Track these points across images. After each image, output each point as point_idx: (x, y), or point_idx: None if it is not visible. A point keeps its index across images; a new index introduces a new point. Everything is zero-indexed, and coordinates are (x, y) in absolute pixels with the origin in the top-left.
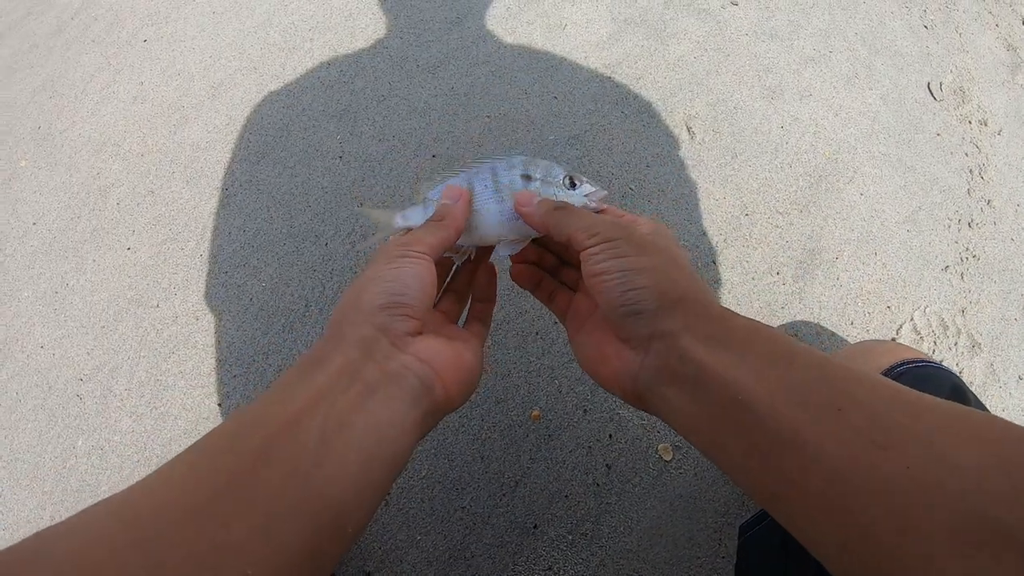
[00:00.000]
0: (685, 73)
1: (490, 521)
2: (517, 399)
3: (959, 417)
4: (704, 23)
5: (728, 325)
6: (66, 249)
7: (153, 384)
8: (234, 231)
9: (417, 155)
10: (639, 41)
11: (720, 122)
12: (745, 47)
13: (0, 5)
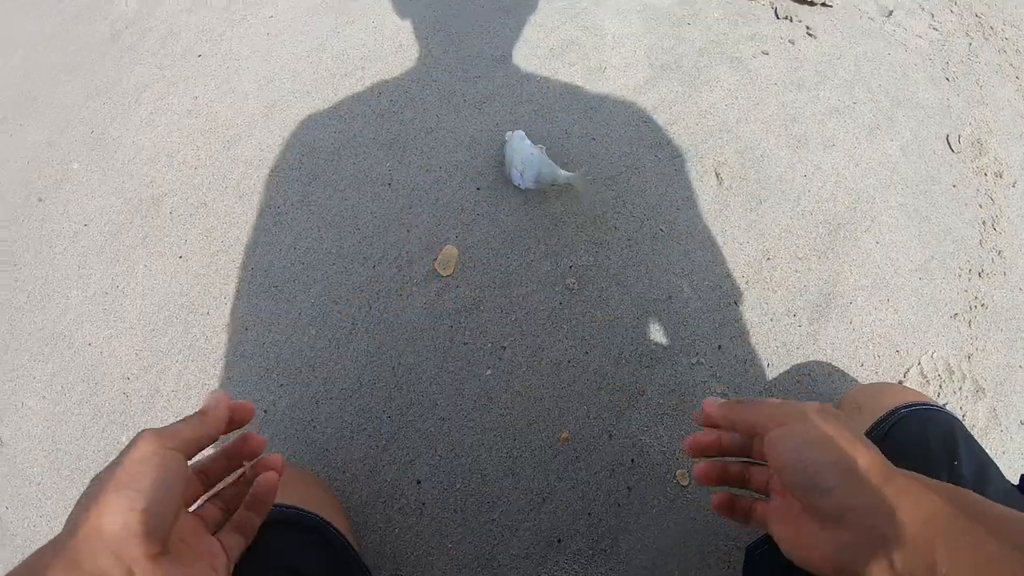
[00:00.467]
0: (716, 120)
1: (517, 533)
2: (548, 421)
3: None
4: (736, 72)
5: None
6: (117, 253)
7: (200, 388)
8: (284, 247)
9: (462, 187)
10: (674, 87)
11: (747, 169)
12: (774, 96)
13: (49, 5)
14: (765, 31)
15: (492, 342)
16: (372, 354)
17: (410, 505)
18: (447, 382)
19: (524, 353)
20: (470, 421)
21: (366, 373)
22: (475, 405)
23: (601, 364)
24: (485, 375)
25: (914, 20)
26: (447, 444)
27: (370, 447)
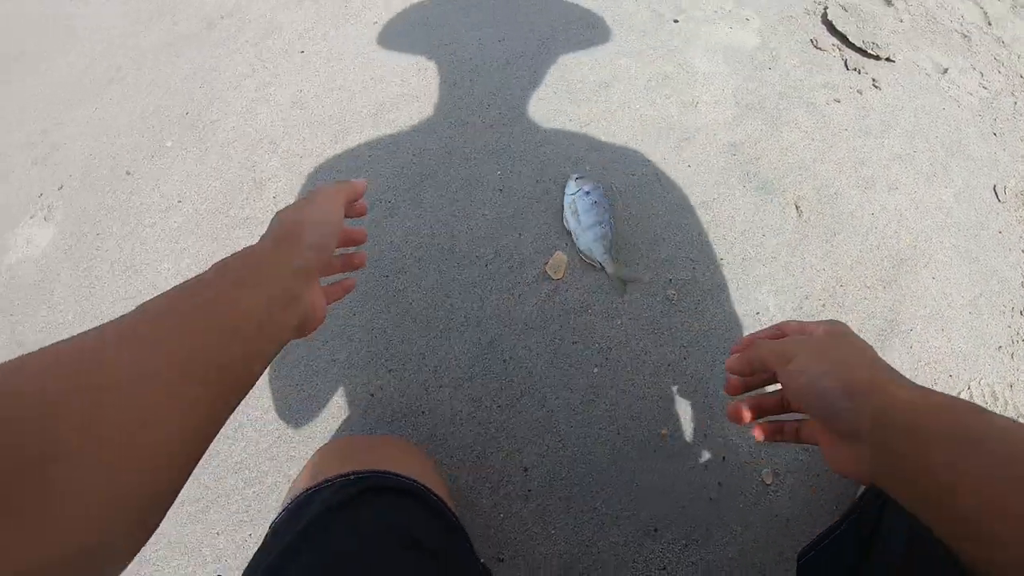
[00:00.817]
0: (795, 158)
1: (617, 522)
2: (649, 418)
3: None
4: (811, 116)
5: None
6: (216, 231)
7: (303, 368)
8: (396, 241)
9: None
10: (758, 125)
11: (823, 204)
12: (845, 140)
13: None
14: (836, 80)
15: (599, 342)
16: (484, 347)
17: (516, 491)
18: (556, 377)
19: (628, 355)
20: (577, 414)
21: (477, 364)
22: (582, 399)
23: (697, 369)
24: (593, 372)
25: (966, 78)
26: (555, 435)
27: (479, 434)
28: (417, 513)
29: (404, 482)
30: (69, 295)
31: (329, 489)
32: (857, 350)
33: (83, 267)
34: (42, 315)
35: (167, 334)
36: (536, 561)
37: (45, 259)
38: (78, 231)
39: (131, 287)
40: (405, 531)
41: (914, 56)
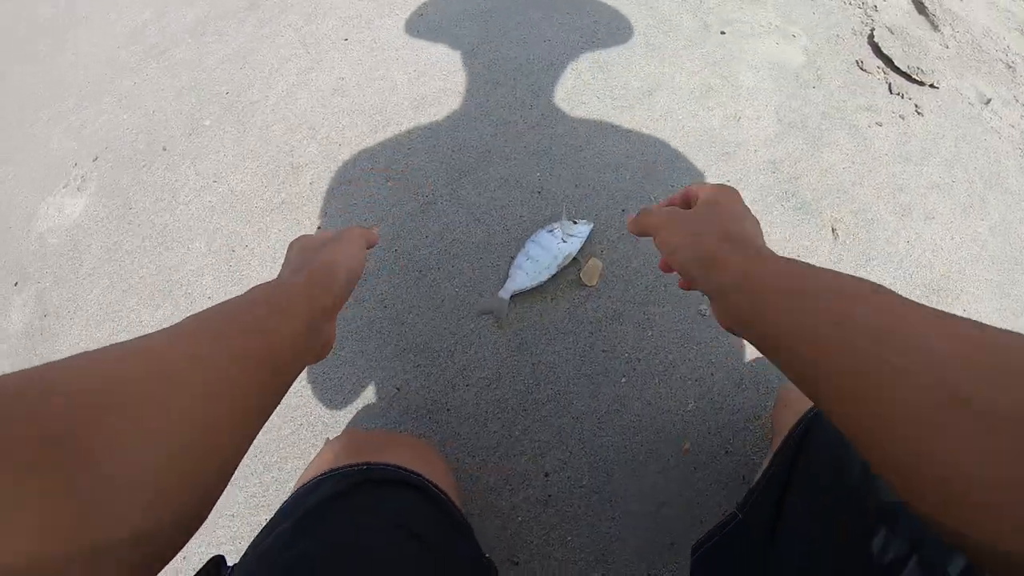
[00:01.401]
0: (835, 180)
1: (635, 533)
2: (672, 433)
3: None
4: (852, 138)
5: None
6: (250, 212)
7: (331, 357)
8: (432, 235)
9: (608, 207)
10: (799, 144)
11: (859, 229)
12: (884, 165)
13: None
14: (879, 104)
15: (629, 353)
16: (513, 349)
17: (536, 495)
18: (584, 384)
19: (657, 368)
20: (602, 423)
21: (506, 366)
22: (608, 409)
23: (724, 386)
24: (620, 382)
25: (1008, 110)
26: (578, 441)
27: (503, 436)
28: (420, 507)
29: (409, 476)
30: (98, 266)
31: (332, 479)
32: (716, 221)
33: (114, 239)
34: (70, 284)
35: (209, 343)
36: (551, 567)
37: (76, 229)
38: (110, 203)
39: (161, 262)
40: (405, 524)
41: (958, 84)
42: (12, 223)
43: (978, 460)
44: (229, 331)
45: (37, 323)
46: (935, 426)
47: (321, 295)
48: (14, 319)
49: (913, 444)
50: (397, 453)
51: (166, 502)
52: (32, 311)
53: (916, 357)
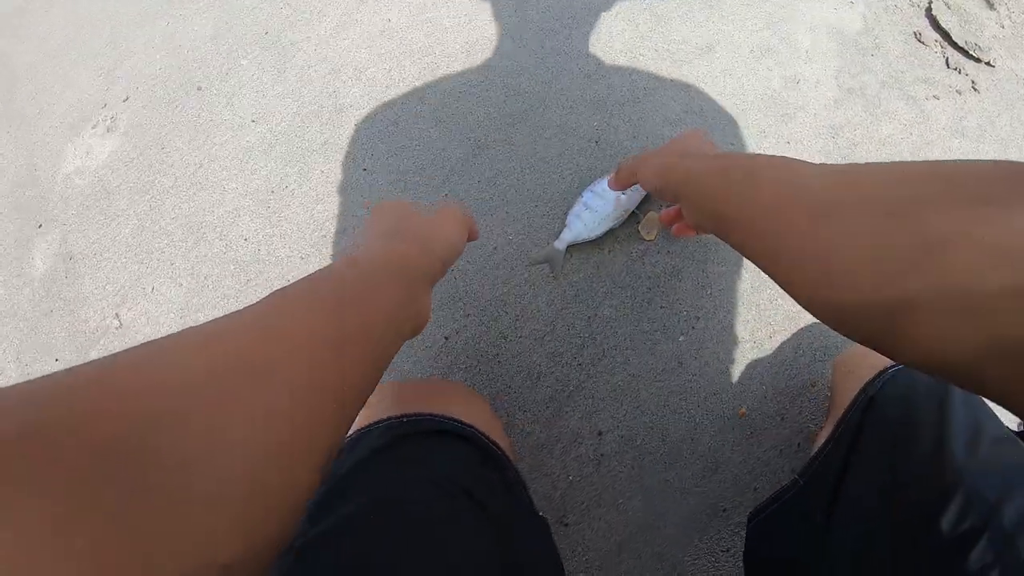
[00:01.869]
0: (893, 150)
1: (687, 497)
2: (729, 395)
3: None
4: (910, 109)
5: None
6: (290, 154)
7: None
8: (484, 181)
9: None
10: (857, 111)
11: None
12: (941, 140)
13: None
14: (937, 77)
15: (688, 311)
16: (569, 301)
17: (588, 455)
18: (640, 341)
19: (716, 327)
20: (659, 381)
21: (560, 319)
22: (665, 367)
23: (782, 350)
24: (678, 340)
25: None
26: (633, 400)
27: (556, 391)
28: (472, 462)
29: (461, 428)
30: (127, 208)
31: (377, 430)
32: (676, 148)
33: (145, 180)
34: (96, 227)
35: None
36: (600, 529)
37: (105, 170)
38: (141, 144)
39: (194, 203)
40: (457, 479)
41: (1014, 65)
42: (38, 165)
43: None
44: (320, 308)
45: (62, 267)
46: (811, 232)
47: (419, 261)
48: (38, 263)
49: (797, 246)
50: (448, 403)
51: (248, 526)
52: (56, 254)
53: (801, 190)
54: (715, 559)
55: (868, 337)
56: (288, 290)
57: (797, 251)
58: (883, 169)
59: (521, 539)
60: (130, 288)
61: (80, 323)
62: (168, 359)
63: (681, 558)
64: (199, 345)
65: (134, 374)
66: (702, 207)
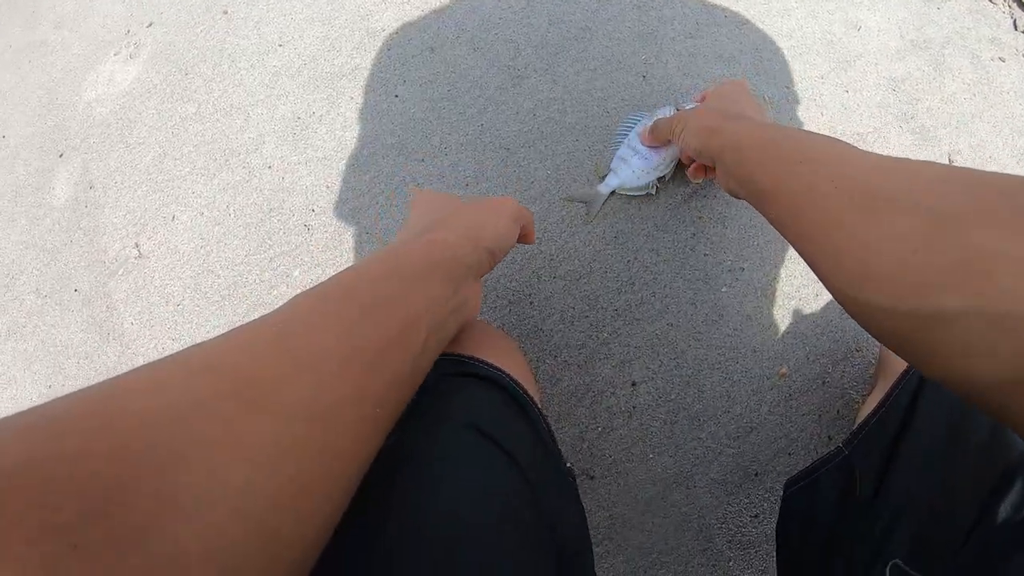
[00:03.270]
0: (955, 109)
1: (719, 458)
2: (770, 353)
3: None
4: (975, 69)
5: (743, 142)
6: (318, 79)
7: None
8: (523, 112)
9: None
10: (920, 65)
11: (977, 165)
12: (1005, 104)
13: None
14: (1004, 38)
15: (732, 259)
16: (608, 242)
17: (620, 406)
18: (681, 289)
19: (761, 280)
20: (698, 333)
21: (598, 260)
22: (705, 319)
23: (828, 310)
24: (721, 291)
25: None
26: (670, 351)
27: (590, 336)
28: (499, 408)
29: (488, 370)
30: (149, 135)
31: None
32: (717, 107)
33: (167, 107)
34: (117, 154)
35: (338, 322)
36: (628, 485)
37: (127, 97)
38: (164, 70)
39: (217, 130)
40: (484, 427)
41: None
42: (58, 94)
43: (882, 243)
44: (346, 317)
45: (82, 195)
46: (855, 228)
47: (464, 251)
48: (59, 192)
49: (839, 239)
50: (473, 343)
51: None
52: (77, 183)
53: (846, 177)
54: (743, 524)
55: (898, 345)
56: (312, 294)
57: (838, 244)
58: (932, 171)
59: (549, 497)
60: (151, 217)
61: (99, 253)
62: (167, 384)
63: (708, 520)
64: (200, 369)
65: (124, 407)
66: (740, 177)
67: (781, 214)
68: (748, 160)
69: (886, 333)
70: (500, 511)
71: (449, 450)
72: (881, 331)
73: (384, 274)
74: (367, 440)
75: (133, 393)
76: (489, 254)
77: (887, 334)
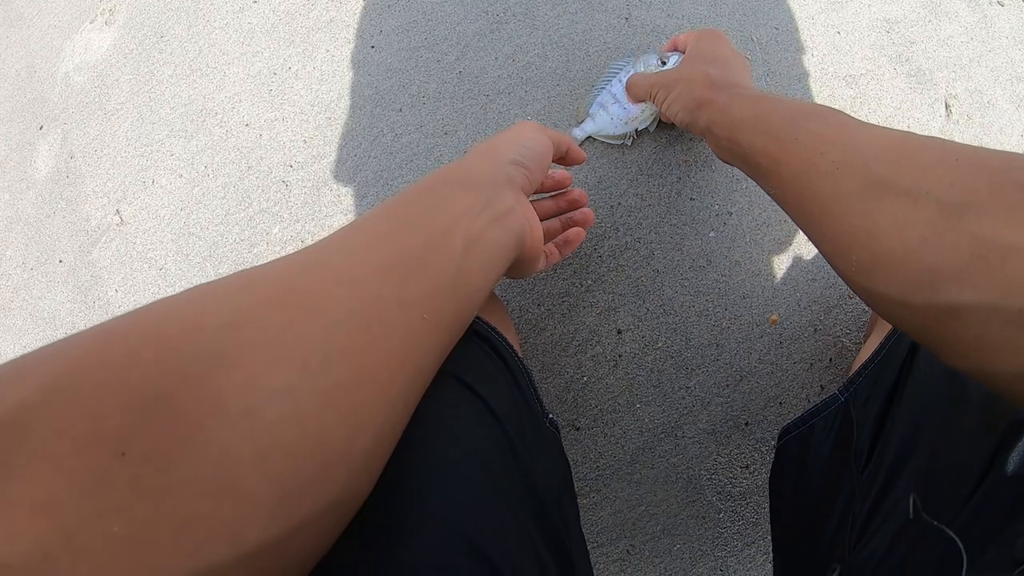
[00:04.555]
0: (951, 53)
1: (708, 407)
2: (760, 299)
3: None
4: (973, 12)
5: (735, 114)
6: (293, 34)
7: (380, 185)
8: (502, 58)
9: None
10: (916, 7)
11: (974, 110)
12: (1004, 49)
13: None
14: None
15: (720, 204)
16: (591, 188)
17: (605, 354)
18: (667, 234)
19: (750, 224)
20: (685, 280)
21: None
22: (692, 265)
23: (820, 255)
24: (708, 236)
25: None
26: (657, 299)
27: (573, 284)
28: (473, 353)
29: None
30: (127, 101)
31: None
32: (700, 69)
33: (144, 71)
34: (96, 123)
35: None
36: (614, 435)
37: (103, 64)
38: (140, 34)
39: (194, 90)
40: (462, 377)
41: None
42: (37, 66)
43: (888, 231)
44: (378, 230)
45: (63, 166)
46: (861, 210)
47: (483, 166)
48: (40, 165)
49: (842, 223)
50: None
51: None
52: (58, 154)
53: (850, 156)
54: (733, 475)
55: (912, 331)
56: (355, 223)
57: (841, 228)
58: (938, 151)
59: (527, 448)
60: (131, 183)
61: (82, 222)
62: (209, 299)
63: (698, 471)
64: (244, 284)
65: (171, 317)
66: (734, 153)
67: (780, 192)
68: (741, 136)
69: (900, 322)
70: (473, 458)
71: (430, 404)
72: (895, 320)
73: (409, 197)
74: (413, 348)
75: (176, 308)
76: (514, 165)
77: (901, 323)
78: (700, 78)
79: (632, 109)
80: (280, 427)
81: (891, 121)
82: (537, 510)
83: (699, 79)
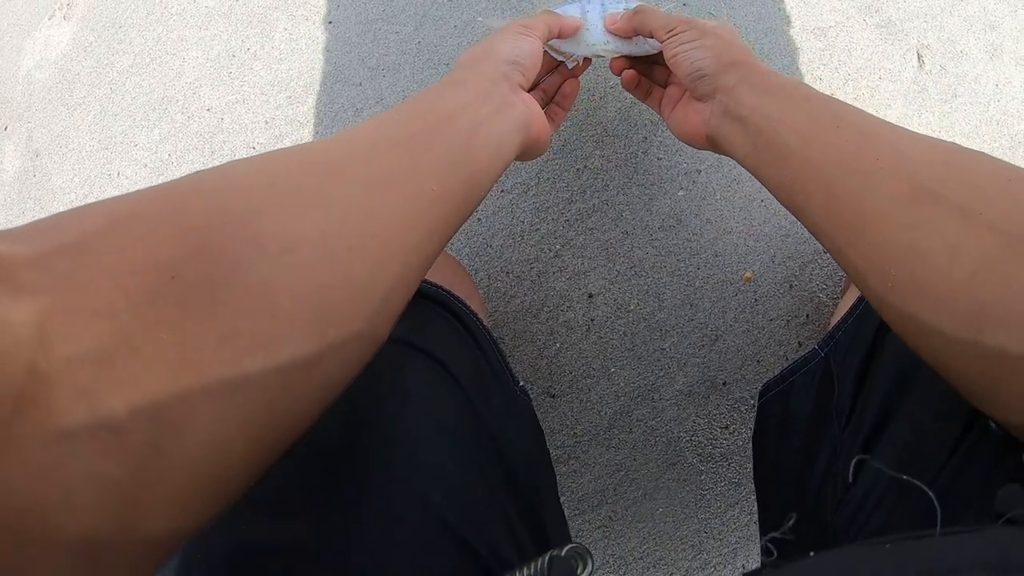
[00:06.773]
0: (922, 3)
1: (684, 368)
2: (734, 257)
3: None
4: None
5: (771, 80)
6: (251, 15)
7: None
8: (460, 25)
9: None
10: None
11: (947, 60)
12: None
13: None
14: None
15: (688, 162)
16: (555, 151)
17: (577, 319)
18: (635, 195)
19: (720, 182)
20: (655, 240)
21: (546, 169)
22: (662, 224)
23: None
24: (677, 195)
25: None
26: (627, 260)
27: (542, 250)
28: (436, 323)
29: (426, 288)
30: (88, 94)
31: None
32: (736, 41)
33: (104, 63)
34: (59, 119)
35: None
36: (590, 401)
37: (64, 59)
38: (98, 26)
39: (154, 79)
40: (428, 348)
41: None
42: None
43: (934, 253)
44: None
45: (30, 165)
46: (906, 222)
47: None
48: (7, 166)
49: (885, 234)
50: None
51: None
52: (24, 153)
53: (897, 159)
54: (712, 436)
55: (955, 378)
56: (353, 127)
57: (880, 236)
58: (988, 164)
59: (494, 415)
60: (97, 177)
61: None
62: (243, 168)
63: (677, 434)
64: (272, 158)
65: (209, 179)
66: (753, 124)
67: (799, 180)
68: (771, 105)
69: (938, 360)
70: (436, 423)
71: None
72: (932, 356)
73: (411, 99)
74: (423, 211)
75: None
76: (510, 63)
77: (940, 362)
78: (736, 41)
79: (599, 34)
80: (313, 265)
81: (862, 73)
82: (507, 475)
83: (736, 42)
